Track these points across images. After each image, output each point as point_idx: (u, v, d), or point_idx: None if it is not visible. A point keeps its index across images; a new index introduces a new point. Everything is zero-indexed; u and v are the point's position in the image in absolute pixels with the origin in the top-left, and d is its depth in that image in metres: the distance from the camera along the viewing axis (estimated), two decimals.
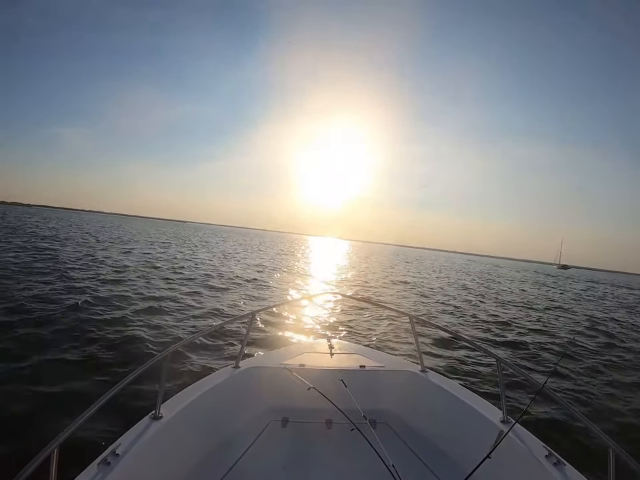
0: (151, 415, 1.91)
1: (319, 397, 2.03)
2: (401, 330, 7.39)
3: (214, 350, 5.19)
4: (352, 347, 3.42)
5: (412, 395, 2.69)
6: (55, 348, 4.65)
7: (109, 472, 1.47)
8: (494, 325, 9.15)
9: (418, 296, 13.63)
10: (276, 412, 2.60)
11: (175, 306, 7.73)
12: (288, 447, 2.34)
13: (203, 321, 6.94)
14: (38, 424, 2.99)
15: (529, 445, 1.85)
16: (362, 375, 2.72)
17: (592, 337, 9.03)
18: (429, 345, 6.44)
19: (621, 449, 1.42)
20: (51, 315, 5.94)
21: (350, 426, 1.77)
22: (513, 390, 4.65)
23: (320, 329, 7.15)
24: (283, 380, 2.45)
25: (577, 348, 7.46)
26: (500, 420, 2.09)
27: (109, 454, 1.56)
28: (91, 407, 1.44)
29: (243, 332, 5.53)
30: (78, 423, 1.35)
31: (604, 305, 18.51)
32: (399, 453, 2.29)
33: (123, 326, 5.83)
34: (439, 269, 35.88)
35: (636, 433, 4.05)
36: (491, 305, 12.91)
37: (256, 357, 3.00)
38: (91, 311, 6.47)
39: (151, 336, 5.53)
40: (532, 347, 7.20)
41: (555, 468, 1.68)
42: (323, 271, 21.23)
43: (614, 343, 8.49)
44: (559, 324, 10.57)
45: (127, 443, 1.66)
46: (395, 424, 2.60)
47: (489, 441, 1.73)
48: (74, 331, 5.32)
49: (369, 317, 8.54)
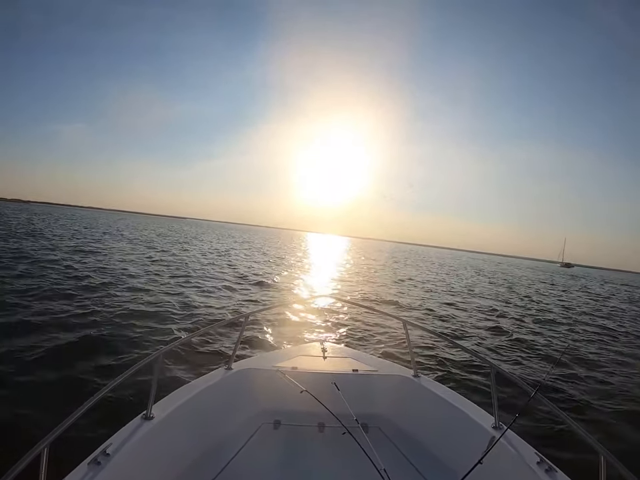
0: (143, 415, 1.90)
1: (311, 400, 2.03)
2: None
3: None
4: (345, 351, 3.42)
5: (404, 399, 2.69)
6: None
7: (99, 471, 1.45)
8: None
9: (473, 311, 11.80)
10: (268, 414, 2.59)
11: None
12: (280, 449, 2.33)
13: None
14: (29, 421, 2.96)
15: (520, 451, 1.86)
16: (354, 379, 2.72)
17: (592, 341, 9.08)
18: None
19: (613, 456, 1.43)
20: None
21: (342, 429, 1.77)
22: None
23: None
24: (275, 382, 2.44)
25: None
26: (492, 426, 2.10)
27: (100, 453, 1.55)
28: (82, 405, 1.43)
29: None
30: (68, 421, 1.34)
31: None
32: (390, 457, 2.29)
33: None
34: (456, 267, 36.01)
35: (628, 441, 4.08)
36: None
37: (249, 359, 2.99)
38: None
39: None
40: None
41: (546, 474, 1.68)
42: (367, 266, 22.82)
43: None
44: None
45: (117, 443, 1.65)
46: (387, 428, 2.60)
47: (480, 447, 1.73)
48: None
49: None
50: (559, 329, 10.21)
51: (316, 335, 6.95)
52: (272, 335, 6.55)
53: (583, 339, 9.19)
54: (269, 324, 7.10)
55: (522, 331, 9.27)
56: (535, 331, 9.50)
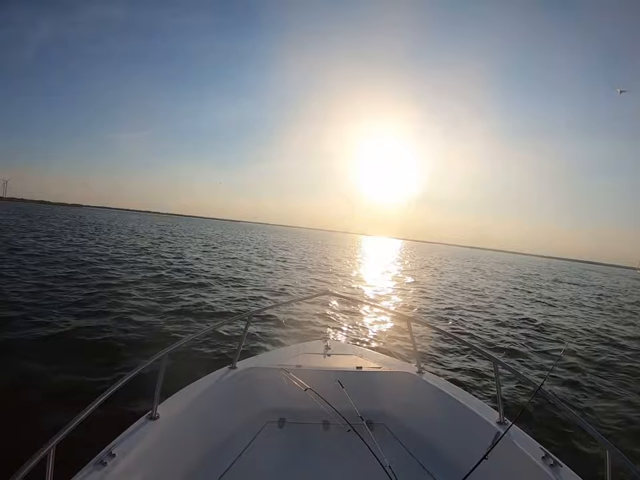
0: (148, 415, 1.90)
1: (315, 397, 2.03)
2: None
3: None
4: (349, 348, 3.42)
5: (409, 396, 2.69)
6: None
7: (105, 472, 1.46)
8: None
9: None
10: (273, 413, 2.60)
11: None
12: (285, 447, 2.34)
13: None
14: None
15: (525, 446, 1.85)
16: (358, 376, 2.72)
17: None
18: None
19: (618, 451, 1.43)
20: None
21: (347, 427, 1.77)
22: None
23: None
24: (279, 381, 2.45)
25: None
26: (496, 421, 2.10)
27: (105, 454, 1.55)
28: (88, 406, 1.43)
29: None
30: (74, 422, 1.35)
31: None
32: (395, 454, 2.29)
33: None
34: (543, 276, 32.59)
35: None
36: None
37: (253, 357, 2.99)
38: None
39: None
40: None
41: (551, 469, 1.68)
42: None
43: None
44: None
45: (123, 443, 1.66)
46: (392, 425, 2.60)
47: (485, 442, 1.73)
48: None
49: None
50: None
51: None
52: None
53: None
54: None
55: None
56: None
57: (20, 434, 2.87)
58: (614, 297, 21.63)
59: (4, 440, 2.77)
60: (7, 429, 2.93)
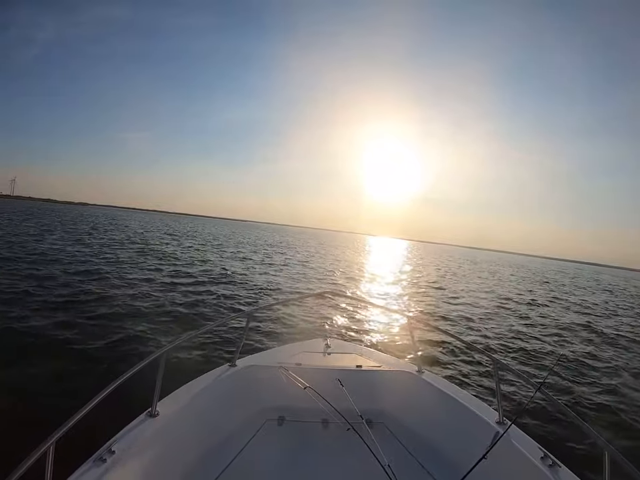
0: (147, 412, 1.91)
1: (315, 396, 2.03)
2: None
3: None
4: (349, 347, 3.42)
5: (408, 395, 2.69)
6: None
7: (104, 469, 1.47)
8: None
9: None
10: (272, 411, 2.60)
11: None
12: (284, 446, 2.34)
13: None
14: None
15: (524, 446, 1.86)
16: (358, 375, 2.72)
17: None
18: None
19: (617, 451, 1.43)
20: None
21: (346, 425, 1.77)
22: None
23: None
24: (279, 379, 2.45)
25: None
26: (496, 421, 2.10)
27: (105, 451, 1.56)
28: (88, 403, 1.44)
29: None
30: (74, 419, 1.35)
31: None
32: (394, 453, 2.29)
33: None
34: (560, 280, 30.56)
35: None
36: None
37: (252, 355, 2.99)
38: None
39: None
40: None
41: (550, 470, 1.68)
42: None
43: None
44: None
45: (123, 440, 1.66)
46: (391, 424, 2.60)
47: (484, 442, 1.73)
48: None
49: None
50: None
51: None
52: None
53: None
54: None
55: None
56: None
57: (19, 431, 2.87)
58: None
59: (4, 437, 2.78)
60: (7, 427, 2.94)
